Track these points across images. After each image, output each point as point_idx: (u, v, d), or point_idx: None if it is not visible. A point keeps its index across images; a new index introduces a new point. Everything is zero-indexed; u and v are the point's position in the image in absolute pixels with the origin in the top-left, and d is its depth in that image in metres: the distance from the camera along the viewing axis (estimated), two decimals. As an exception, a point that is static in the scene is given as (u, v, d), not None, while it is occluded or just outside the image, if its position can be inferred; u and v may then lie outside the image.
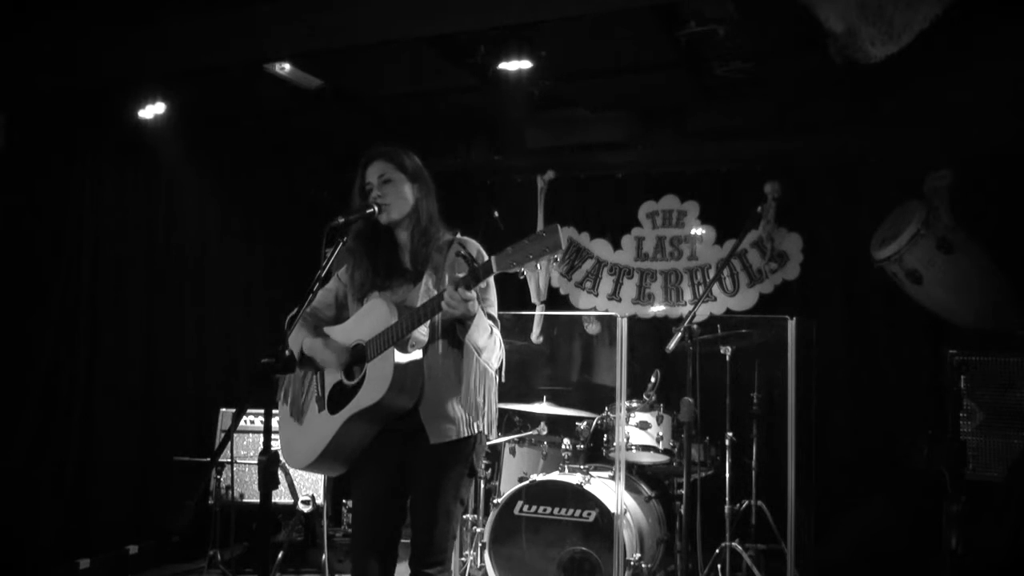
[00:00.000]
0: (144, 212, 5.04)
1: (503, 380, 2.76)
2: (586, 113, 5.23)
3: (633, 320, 5.22)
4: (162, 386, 5.08)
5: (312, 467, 2.74)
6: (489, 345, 2.63)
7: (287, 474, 4.53)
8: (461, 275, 2.48)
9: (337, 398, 2.67)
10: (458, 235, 2.75)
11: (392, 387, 2.52)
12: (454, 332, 2.61)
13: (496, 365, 2.70)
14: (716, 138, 5.24)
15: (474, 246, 2.72)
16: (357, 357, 2.66)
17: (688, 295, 5.52)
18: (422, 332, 2.59)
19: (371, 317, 2.63)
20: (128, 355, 4.88)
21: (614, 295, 5.68)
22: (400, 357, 2.54)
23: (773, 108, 4.93)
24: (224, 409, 4.83)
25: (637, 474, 4.65)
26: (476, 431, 2.66)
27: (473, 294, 2.46)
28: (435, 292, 2.59)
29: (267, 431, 2.27)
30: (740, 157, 5.39)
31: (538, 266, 2.48)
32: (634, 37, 4.09)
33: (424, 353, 2.61)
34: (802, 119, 4.95)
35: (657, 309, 5.56)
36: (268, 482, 2.24)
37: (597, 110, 5.20)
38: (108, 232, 4.77)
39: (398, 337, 2.52)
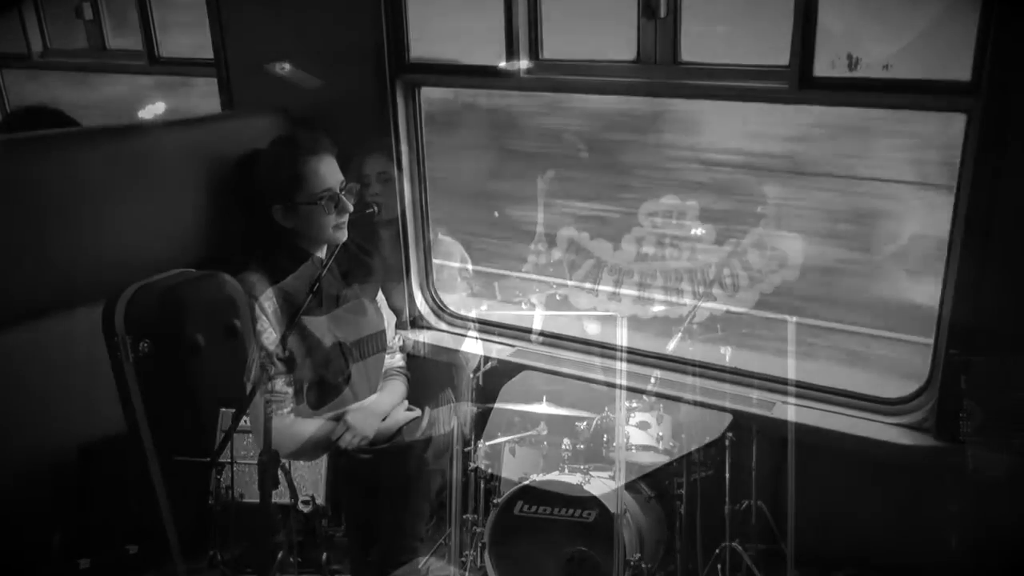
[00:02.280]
0: (146, 211, 5.02)
1: (481, 384, 2.79)
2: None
3: (633, 320, 5.22)
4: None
5: (289, 457, 2.78)
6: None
7: (287, 474, 4.52)
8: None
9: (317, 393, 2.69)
10: (439, 235, 2.77)
11: (378, 391, 2.54)
12: None
13: (473, 365, 2.76)
14: (716, 137, 5.25)
15: (458, 249, 2.75)
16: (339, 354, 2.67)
17: (688, 295, 5.51)
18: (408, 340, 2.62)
19: (356, 316, 2.64)
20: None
21: (614, 295, 5.67)
22: (388, 362, 2.56)
23: (773, 108, 4.93)
24: (224, 409, 4.82)
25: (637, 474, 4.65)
26: (448, 429, 2.71)
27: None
28: None
29: (267, 431, 2.28)
30: (740, 157, 5.39)
31: None
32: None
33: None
34: (802, 118, 4.96)
35: (657, 309, 5.56)
36: (268, 482, 2.25)
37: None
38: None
39: (386, 347, 2.54)
